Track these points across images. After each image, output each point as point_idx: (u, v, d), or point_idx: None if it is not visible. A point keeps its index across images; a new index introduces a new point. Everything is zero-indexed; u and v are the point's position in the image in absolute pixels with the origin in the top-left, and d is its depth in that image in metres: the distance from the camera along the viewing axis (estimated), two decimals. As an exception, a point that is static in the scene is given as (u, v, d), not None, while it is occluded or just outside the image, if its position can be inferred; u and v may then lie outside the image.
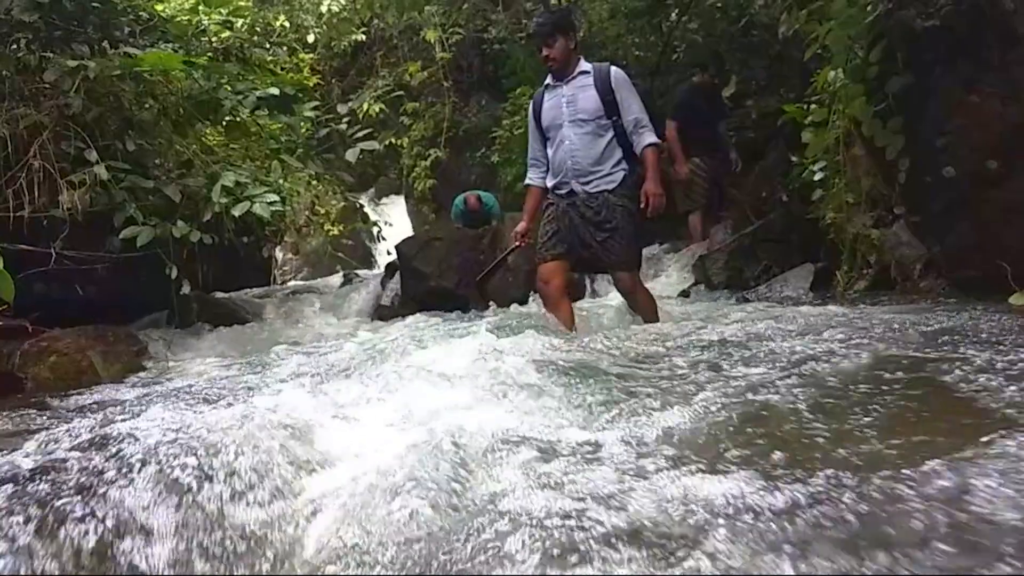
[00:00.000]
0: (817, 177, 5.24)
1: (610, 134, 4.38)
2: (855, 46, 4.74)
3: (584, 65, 4.47)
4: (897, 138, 4.49)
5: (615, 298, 6.39)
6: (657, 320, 4.37)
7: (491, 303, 6.58)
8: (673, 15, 9.31)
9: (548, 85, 4.57)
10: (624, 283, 4.45)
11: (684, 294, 6.30)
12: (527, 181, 4.80)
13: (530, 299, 6.31)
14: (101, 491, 1.60)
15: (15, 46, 5.33)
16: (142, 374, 4.38)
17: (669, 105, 7.88)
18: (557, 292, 4.48)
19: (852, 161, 5.01)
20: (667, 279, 7.06)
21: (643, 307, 4.45)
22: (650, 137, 4.36)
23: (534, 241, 4.68)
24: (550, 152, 4.56)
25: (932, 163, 4.44)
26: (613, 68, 4.46)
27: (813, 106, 5.27)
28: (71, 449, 1.83)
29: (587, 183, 4.39)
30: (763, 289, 5.60)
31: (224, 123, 6.57)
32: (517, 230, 4.75)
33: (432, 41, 12.86)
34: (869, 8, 4.55)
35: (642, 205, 4.30)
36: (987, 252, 4.23)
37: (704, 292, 6.17)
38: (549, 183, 4.58)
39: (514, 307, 6.31)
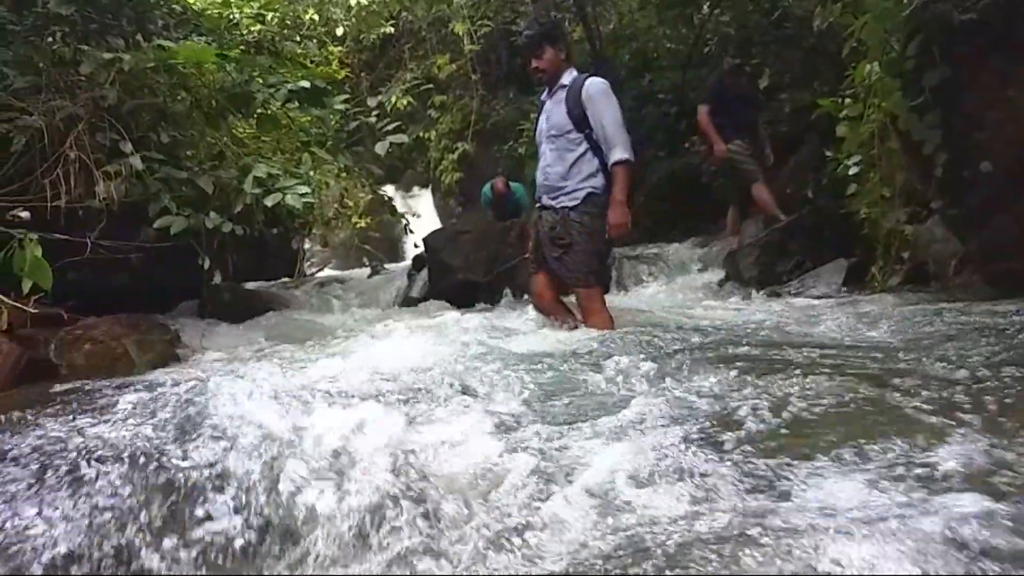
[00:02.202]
0: (852, 172, 5.18)
1: (582, 148, 4.23)
2: (891, 39, 4.69)
3: (567, 78, 4.33)
4: (934, 132, 4.43)
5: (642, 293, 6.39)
6: None
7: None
8: (705, 7, 9.23)
9: (541, 99, 4.52)
10: (579, 300, 4.31)
11: (712, 289, 6.25)
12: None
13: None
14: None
15: (51, 39, 5.40)
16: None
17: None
18: (551, 306, 4.42)
19: (887, 155, 4.96)
20: (699, 274, 7.01)
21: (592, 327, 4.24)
22: (619, 153, 4.15)
23: None
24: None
25: (969, 157, 4.38)
26: (590, 80, 4.27)
27: (848, 100, 5.21)
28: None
29: (554, 198, 4.31)
30: (795, 284, 5.55)
31: (255, 116, 6.61)
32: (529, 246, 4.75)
33: (460, 34, 12.87)
34: (905, 1, 4.49)
35: (605, 234, 4.20)
36: (1022, 247, 4.18)
37: (736, 287, 6.10)
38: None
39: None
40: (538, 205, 4.46)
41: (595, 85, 4.23)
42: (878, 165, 5.00)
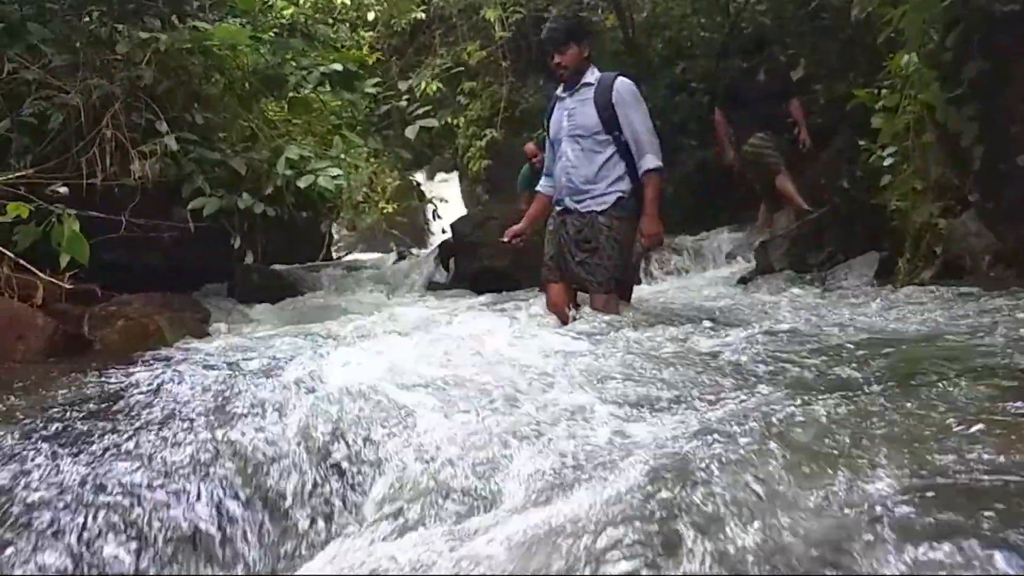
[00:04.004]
0: (886, 163, 5.12)
1: (610, 150, 4.09)
2: (930, 30, 4.61)
3: (591, 76, 4.16)
4: (972, 125, 4.36)
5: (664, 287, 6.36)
6: None
7: None
8: (741, -4, 9.16)
9: (557, 95, 4.36)
10: (595, 303, 4.13)
11: (743, 280, 6.20)
12: (537, 188, 4.60)
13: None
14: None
15: (88, 18, 5.46)
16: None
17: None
18: (567, 317, 4.19)
19: (922, 148, 4.88)
20: (731, 264, 6.98)
21: None
22: (651, 161, 4.02)
23: (523, 244, 4.52)
24: (554, 163, 4.36)
25: (1007, 151, 4.32)
26: (619, 80, 4.11)
27: (884, 91, 5.14)
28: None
29: (579, 202, 4.14)
30: (827, 276, 5.51)
31: (288, 98, 6.65)
32: (511, 230, 4.50)
33: (492, 20, 12.83)
34: (946, -9, 4.42)
35: (635, 240, 4.10)
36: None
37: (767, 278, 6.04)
38: (555, 196, 4.37)
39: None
40: (558, 208, 4.29)
41: (625, 86, 4.10)
42: (912, 157, 4.93)
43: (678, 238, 7.78)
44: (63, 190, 4.38)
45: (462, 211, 12.33)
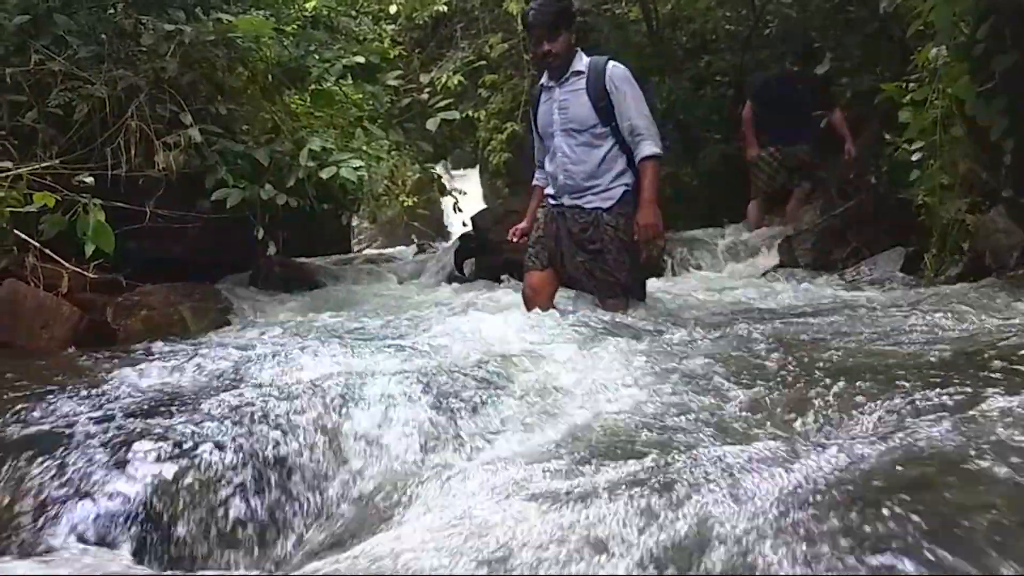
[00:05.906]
0: (914, 158, 5.05)
1: (609, 142, 3.90)
2: (961, 23, 4.54)
3: (580, 63, 3.95)
4: (1003, 118, 4.29)
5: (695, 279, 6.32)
6: None
7: None
8: (766, -11, 9.07)
9: (543, 85, 4.11)
10: (605, 308, 3.92)
11: (766, 275, 6.15)
12: (534, 182, 4.43)
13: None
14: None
15: (113, 10, 5.49)
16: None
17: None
18: (546, 307, 3.97)
19: (951, 143, 4.82)
20: (754, 260, 6.92)
21: None
22: (649, 147, 3.83)
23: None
24: (546, 160, 4.17)
25: (1038, 145, 4.25)
26: (610, 65, 3.91)
27: (912, 84, 5.08)
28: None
29: (581, 198, 3.96)
30: (851, 271, 5.46)
31: (310, 90, 6.66)
32: (516, 227, 4.33)
33: (514, 13, 12.76)
34: (978, -18, 4.35)
35: (634, 237, 3.88)
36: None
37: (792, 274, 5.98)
38: (548, 190, 4.21)
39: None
40: (554, 203, 4.09)
41: (618, 72, 3.90)
42: (940, 152, 4.86)
43: (701, 232, 7.73)
44: (88, 180, 4.41)
45: (482, 204, 12.31)
